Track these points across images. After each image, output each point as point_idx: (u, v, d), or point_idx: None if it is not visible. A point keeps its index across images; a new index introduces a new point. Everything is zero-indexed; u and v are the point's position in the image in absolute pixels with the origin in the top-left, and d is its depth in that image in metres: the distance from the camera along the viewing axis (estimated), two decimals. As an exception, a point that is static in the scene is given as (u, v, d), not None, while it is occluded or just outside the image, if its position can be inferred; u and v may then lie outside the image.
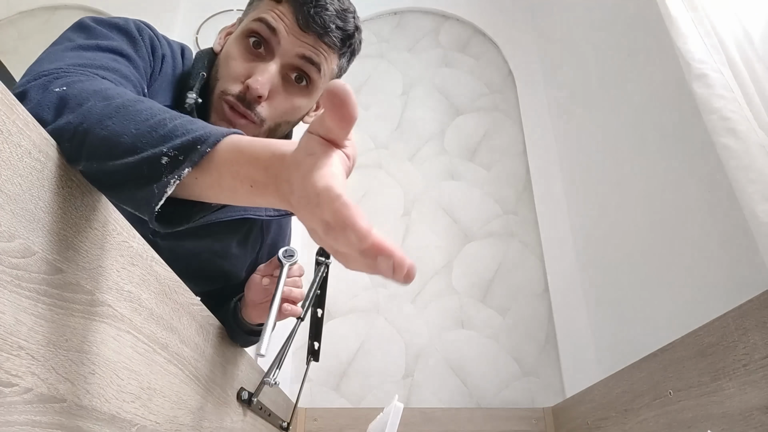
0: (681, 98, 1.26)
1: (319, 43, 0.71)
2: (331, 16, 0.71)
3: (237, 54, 0.72)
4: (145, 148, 0.39)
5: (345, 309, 1.85)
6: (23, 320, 0.37)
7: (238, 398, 0.88)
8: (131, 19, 0.68)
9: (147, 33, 0.69)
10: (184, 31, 2.35)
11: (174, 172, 0.38)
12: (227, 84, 0.71)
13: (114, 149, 0.40)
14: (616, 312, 1.57)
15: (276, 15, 0.70)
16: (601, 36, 1.74)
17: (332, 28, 0.71)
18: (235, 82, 0.71)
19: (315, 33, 0.70)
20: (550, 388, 1.71)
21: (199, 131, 0.39)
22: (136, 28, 0.67)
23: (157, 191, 0.38)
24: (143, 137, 0.40)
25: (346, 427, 1.60)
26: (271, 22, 0.70)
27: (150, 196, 0.39)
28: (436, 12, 2.46)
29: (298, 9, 0.69)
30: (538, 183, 2.03)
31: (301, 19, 0.69)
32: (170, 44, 0.75)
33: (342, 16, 0.72)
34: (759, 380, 0.72)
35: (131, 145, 0.40)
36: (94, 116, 0.42)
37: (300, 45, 0.70)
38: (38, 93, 0.48)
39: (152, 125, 0.41)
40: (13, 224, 0.36)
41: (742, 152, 0.88)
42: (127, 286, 0.51)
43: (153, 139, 0.40)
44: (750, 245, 1.00)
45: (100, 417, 0.46)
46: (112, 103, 0.44)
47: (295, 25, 0.70)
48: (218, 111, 0.71)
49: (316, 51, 0.72)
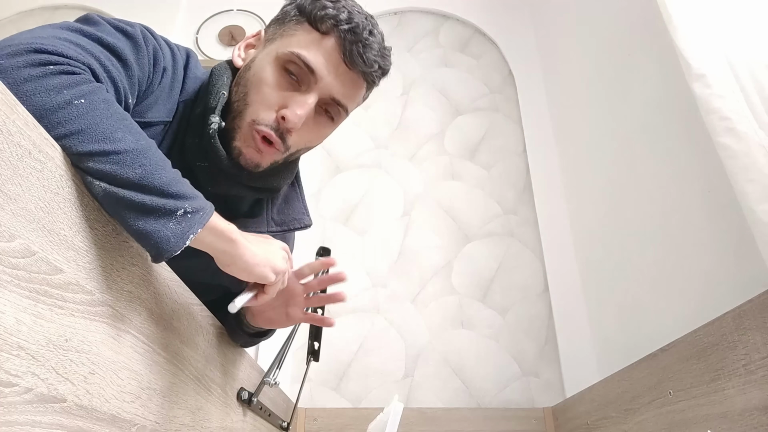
0: (681, 98, 1.26)
1: (359, 80, 0.73)
2: (376, 55, 0.71)
3: (272, 82, 0.69)
4: (170, 197, 0.49)
5: (345, 309, 1.85)
6: (23, 320, 0.37)
7: (238, 398, 0.88)
8: (139, 25, 0.66)
9: (152, 43, 0.66)
10: (184, 31, 2.35)
11: (186, 225, 0.50)
12: (260, 112, 0.69)
13: (146, 188, 0.48)
14: (616, 312, 1.57)
15: (319, 51, 0.69)
16: (601, 36, 1.74)
17: (375, 67, 0.72)
18: (268, 110, 0.69)
19: (359, 71, 0.71)
20: (550, 388, 1.71)
21: (200, 200, 0.53)
22: (142, 35, 0.65)
23: (174, 240, 0.48)
24: (172, 185, 0.50)
25: (346, 427, 1.60)
26: (312, 62, 0.68)
27: (164, 239, 0.48)
28: (436, 12, 2.46)
29: (346, 47, 0.69)
30: (538, 183, 2.03)
31: (347, 56, 0.69)
32: (174, 55, 0.71)
33: (382, 53, 0.73)
34: (759, 380, 0.72)
35: (160, 188, 0.49)
36: (129, 154, 0.48)
37: (341, 84, 0.71)
38: (40, 86, 0.46)
39: (177, 180, 0.51)
40: (13, 224, 0.36)
41: (741, 152, 0.88)
42: (127, 286, 0.51)
43: (176, 193, 0.50)
44: (750, 245, 1.00)
45: (100, 417, 0.46)
46: (140, 143, 0.50)
47: (341, 62, 0.70)
48: (246, 138, 0.69)
49: (354, 88, 0.73)
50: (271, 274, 0.63)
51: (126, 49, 0.61)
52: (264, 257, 0.61)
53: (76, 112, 0.46)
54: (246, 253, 0.59)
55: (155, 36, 0.68)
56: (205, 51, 2.31)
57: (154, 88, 0.67)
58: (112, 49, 0.59)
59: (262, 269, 0.61)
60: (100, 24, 0.61)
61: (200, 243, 0.54)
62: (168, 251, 0.48)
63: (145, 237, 0.48)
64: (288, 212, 0.87)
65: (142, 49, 0.64)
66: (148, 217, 0.47)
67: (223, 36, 2.34)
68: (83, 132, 0.46)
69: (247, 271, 0.60)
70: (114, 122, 0.49)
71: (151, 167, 0.49)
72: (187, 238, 0.49)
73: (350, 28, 0.69)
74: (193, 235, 0.50)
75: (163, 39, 0.70)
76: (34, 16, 2.46)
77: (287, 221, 0.87)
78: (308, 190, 2.02)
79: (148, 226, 0.47)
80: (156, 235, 0.47)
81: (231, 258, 0.58)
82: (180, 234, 0.49)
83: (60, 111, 0.46)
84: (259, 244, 0.62)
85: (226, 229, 0.56)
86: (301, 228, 0.87)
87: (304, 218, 0.88)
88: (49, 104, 0.46)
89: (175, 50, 0.72)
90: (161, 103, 0.68)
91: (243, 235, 0.59)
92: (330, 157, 2.13)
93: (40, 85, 0.46)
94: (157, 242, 0.48)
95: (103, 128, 0.47)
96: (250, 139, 0.70)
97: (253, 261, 0.60)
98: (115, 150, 0.47)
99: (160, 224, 0.48)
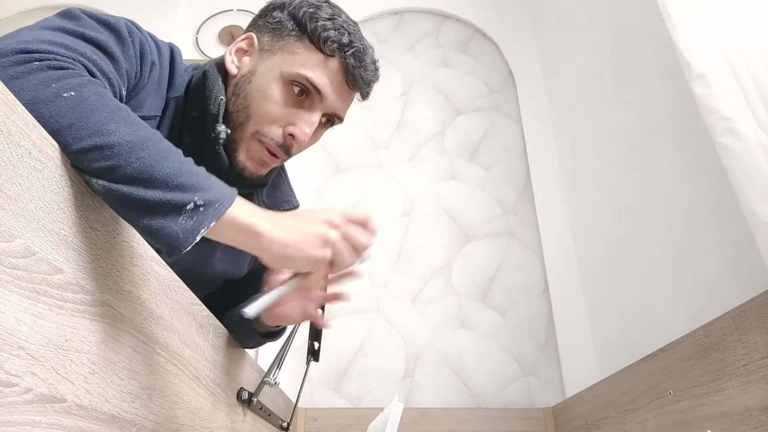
0: (681, 98, 1.26)
1: (354, 95, 0.80)
2: (372, 74, 0.78)
3: (278, 99, 0.72)
4: (176, 189, 0.46)
5: (345, 309, 1.85)
6: (23, 320, 0.37)
7: (238, 398, 0.88)
8: (123, 18, 0.65)
9: (137, 36, 0.65)
10: (184, 31, 2.35)
11: (198, 220, 0.47)
12: (266, 127, 0.73)
13: (146, 182, 0.45)
14: (616, 312, 1.57)
15: (325, 74, 0.73)
16: (601, 36, 1.74)
17: (371, 86, 0.79)
18: (273, 125, 0.73)
19: (359, 90, 0.78)
20: (550, 388, 1.71)
21: (215, 191, 0.49)
22: (126, 28, 0.63)
23: (183, 236, 0.46)
24: (177, 177, 0.47)
25: (346, 427, 1.60)
26: (320, 85, 0.73)
27: (172, 236, 0.45)
28: (436, 12, 2.46)
29: (349, 71, 0.74)
30: (538, 183, 2.03)
31: (350, 79, 0.75)
32: (159, 48, 0.71)
33: (375, 68, 0.79)
34: (759, 380, 0.72)
35: (163, 181, 0.46)
36: (124, 147, 0.45)
37: (343, 101, 0.77)
38: (27, 82, 0.46)
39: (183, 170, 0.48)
40: (13, 224, 0.36)
41: (741, 152, 0.88)
42: (127, 286, 0.51)
43: (183, 185, 0.47)
44: (750, 245, 1.00)
45: (100, 417, 0.46)
46: (138, 134, 0.47)
47: (343, 83, 0.75)
48: (250, 150, 0.73)
49: (350, 102, 0.79)
50: (307, 265, 0.56)
51: (110, 43, 0.60)
52: (296, 247, 0.54)
53: (65, 105, 0.45)
54: (273, 246, 0.53)
55: (140, 29, 0.67)
56: (205, 51, 2.31)
57: (144, 82, 0.67)
58: (96, 44, 0.58)
59: (295, 262, 0.55)
60: (81, 18, 0.60)
61: (218, 236, 0.50)
62: (178, 248, 0.46)
63: (152, 234, 0.46)
64: (276, 195, 0.90)
65: (127, 42, 0.63)
66: (153, 213, 0.45)
67: (223, 36, 2.34)
68: (74, 126, 0.44)
69: (279, 265, 0.55)
70: (106, 114, 0.46)
71: (151, 159, 0.46)
72: (198, 233, 0.46)
73: (353, 53, 0.74)
74: (206, 230, 0.47)
75: (148, 33, 0.70)
76: (34, 16, 2.46)
77: (276, 203, 0.90)
78: (308, 190, 2.03)
79: (154, 223, 0.45)
80: (163, 231, 0.45)
81: (259, 251, 0.53)
82: (190, 229, 0.46)
83: (49, 105, 0.44)
84: (294, 229, 0.55)
85: (247, 222, 0.51)
86: (290, 209, 0.90)
87: (291, 199, 0.92)
88: (38, 98, 0.44)
89: (160, 44, 0.72)
90: (152, 98, 0.69)
91: (274, 221, 0.53)
92: (330, 157, 2.13)
93: (28, 81, 0.46)
94: (165, 239, 0.45)
95: (94, 120, 0.45)
96: (255, 152, 0.73)
97: (284, 254, 0.53)
98: (107, 143, 0.44)
99: (168, 220, 0.45)
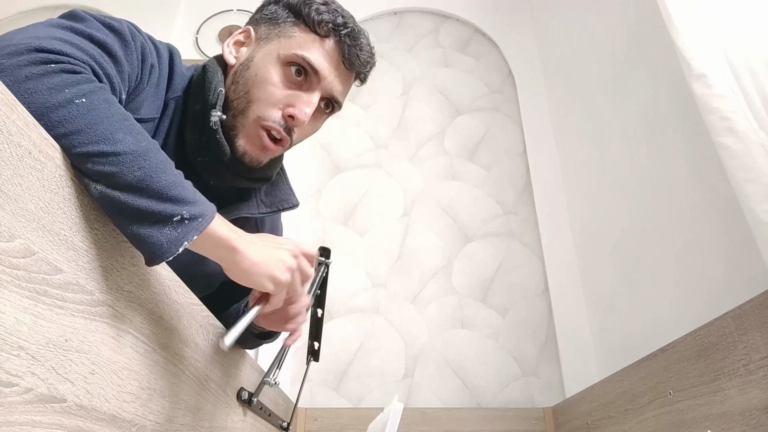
0: (681, 98, 1.26)
1: (352, 78, 0.81)
2: (368, 56, 0.79)
3: (277, 81, 0.73)
4: (168, 201, 0.48)
5: (345, 309, 1.85)
6: (23, 320, 0.37)
7: (238, 398, 0.88)
8: (125, 21, 0.66)
9: (139, 39, 0.67)
10: (183, 31, 2.35)
11: (182, 232, 0.48)
12: (266, 110, 0.73)
13: (143, 191, 0.47)
14: (616, 312, 1.57)
15: (321, 53, 0.75)
16: (601, 36, 1.74)
17: (368, 67, 0.81)
18: (274, 108, 0.73)
19: (356, 71, 0.79)
20: (550, 388, 1.71)
21: (200, 206, 0.51)
22: (129, 32, 0.65)
23: (167, 246, 0.47)
24: (172, 189, 0.48)
25: (346, 427, 1.60)
26: (317, 64, 0.74)
27: (157, 245, 0.47)
28: (436, 12, 2.46)
29: (345, 50, 0.76)
30: (538, 183, 2.03)
31: (346, 58, 0.76)
32: (158, 50, 0.72)
33: (371, 53, 0.81)
34: (759, 380, 0.72)
35: (158, 192, 0.48)
36: (129, 156, 0.47)
37: (341, 83, 0.78)
38: (41, 84, 0.46)
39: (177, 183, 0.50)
40: (13, 224, 0.36)
41: (741, 152, 0.88)
42: (127, 286, 0.51)
43: (176, 197, 0.49)
44: (750, 245, 1.00)
45: (100, 417, 0.46)
46: (141, 144, 0.49)
47: (340, 63, 0.76)
48: (251, 136, 0.73)
49: (348, 85, 0.80)
50: (269, 284, 0.60)
51: (115, 45, 0.61)
52: (264, 267, 0.58)
53: (76, 112, 0.46)
54: (244, 261, 0.57)
55: (141, 33, 0.68)
56: (205, 51, 2.31)
57: (144, 85, 0.68)
58: (102, 46, 0.59)
59: (260, 279, 0.59)
60: (88, 20, 0.61)
61: (198, 248, 0.53)
62: (160, 257, 0.47)
63: (138, 241, 0.47)
64: (276, 194, 0.90)
65: (130, 45, 0.64)
66: (142, 222, 0.46)
67: (223, 36, 2.34)
68: (82, 132, 0.45)
69: (244, 279, 0.58)
70: (114, 123, 0.48)
71: (151, 170, 0.48)
72: (182, 245, 0.48)
73: (348, 33, 0.75)
74: (188, 242, 0.49)
75: (148, 36, 0.70)
76: (34, 16, 2.46)
77: (276, 202, 0.90)
78: (308, 190, 2.03)
79: (142, 231, 0.46)
80: (149, 240, 0.47)
81: (230, 265, 0.57)
82: (174, 240, 0.48)
83: (60, 110, 0.45)
84: (264, 250, 0.59)
85: (225, 237, 0.54)
86: (289, 208, 0.91)
87: (291, 198, 0.92)
88: (50, 103, 0.45)
89: (160, 47, 0.73)
90: (150, 100, 0.69)
91: (249, 240, 0.58)
92: (330, 157, 2.13)
93: (42, 84, 0.46)
94: (150, 247, 0.47)
95: (103, 129, 0.46)
96: (255, 137, 0.73)
97: (253, 270, 0.58)
98: (114, 151, 0.46)
99: (155, 229, 0.47)
